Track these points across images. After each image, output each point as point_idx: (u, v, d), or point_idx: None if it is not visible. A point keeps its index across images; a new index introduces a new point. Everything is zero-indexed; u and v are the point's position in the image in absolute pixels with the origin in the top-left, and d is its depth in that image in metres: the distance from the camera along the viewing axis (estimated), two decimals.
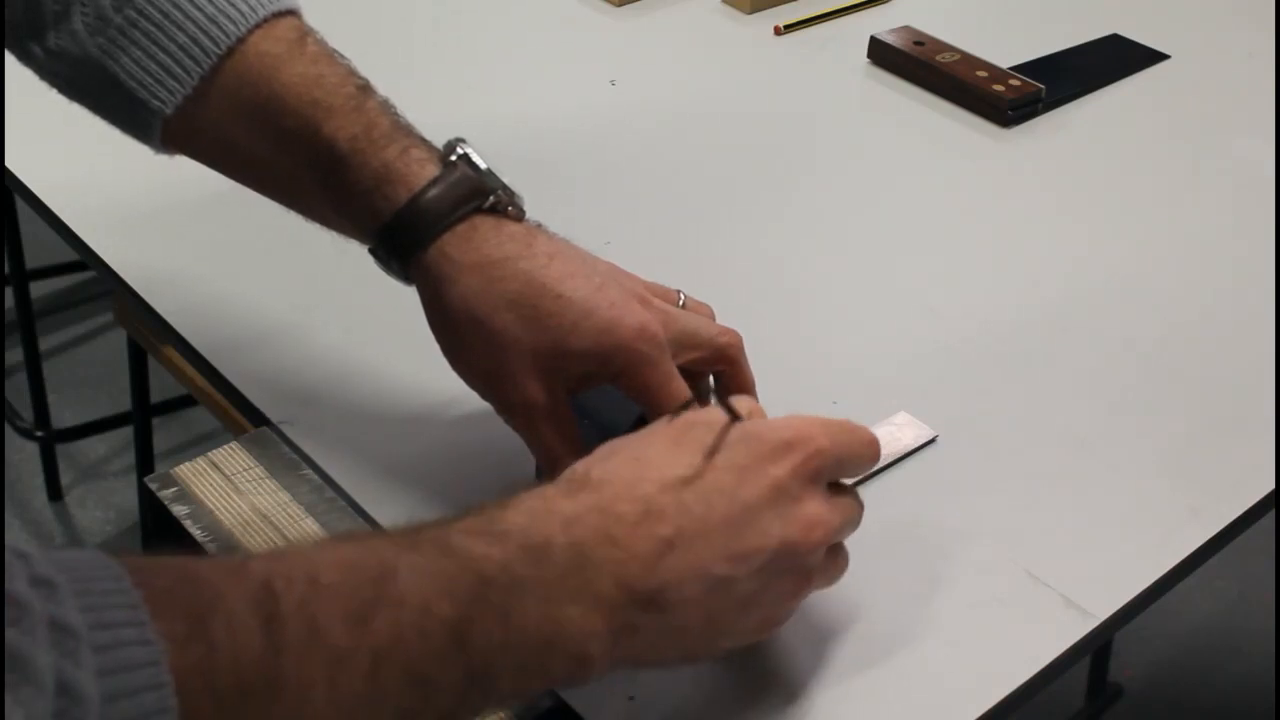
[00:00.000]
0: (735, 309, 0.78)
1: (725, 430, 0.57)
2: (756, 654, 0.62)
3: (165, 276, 0.84)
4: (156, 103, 0.67)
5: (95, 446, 1.91)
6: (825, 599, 0.65)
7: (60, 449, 1.87)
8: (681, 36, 1.15)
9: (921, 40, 1.11)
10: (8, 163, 0.91)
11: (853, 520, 0.60)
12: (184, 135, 0.69)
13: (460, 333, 0.65)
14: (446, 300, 0.64)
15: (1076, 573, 0.67)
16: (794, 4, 1.19)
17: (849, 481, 0.61)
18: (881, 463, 0.72)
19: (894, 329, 0.83)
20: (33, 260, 1.73)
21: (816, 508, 0.56)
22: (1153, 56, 1.15)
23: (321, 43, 0.69)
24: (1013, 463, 0.74)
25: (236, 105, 0.67)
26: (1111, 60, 1.14)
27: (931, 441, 0.74)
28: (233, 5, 0.66)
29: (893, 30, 1.12)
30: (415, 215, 0.64)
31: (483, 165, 0.66)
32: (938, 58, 1.08)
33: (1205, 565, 0.70)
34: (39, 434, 1.81)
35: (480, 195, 0.65)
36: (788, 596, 0.57)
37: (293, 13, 0.69)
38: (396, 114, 0.67)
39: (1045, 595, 0.66)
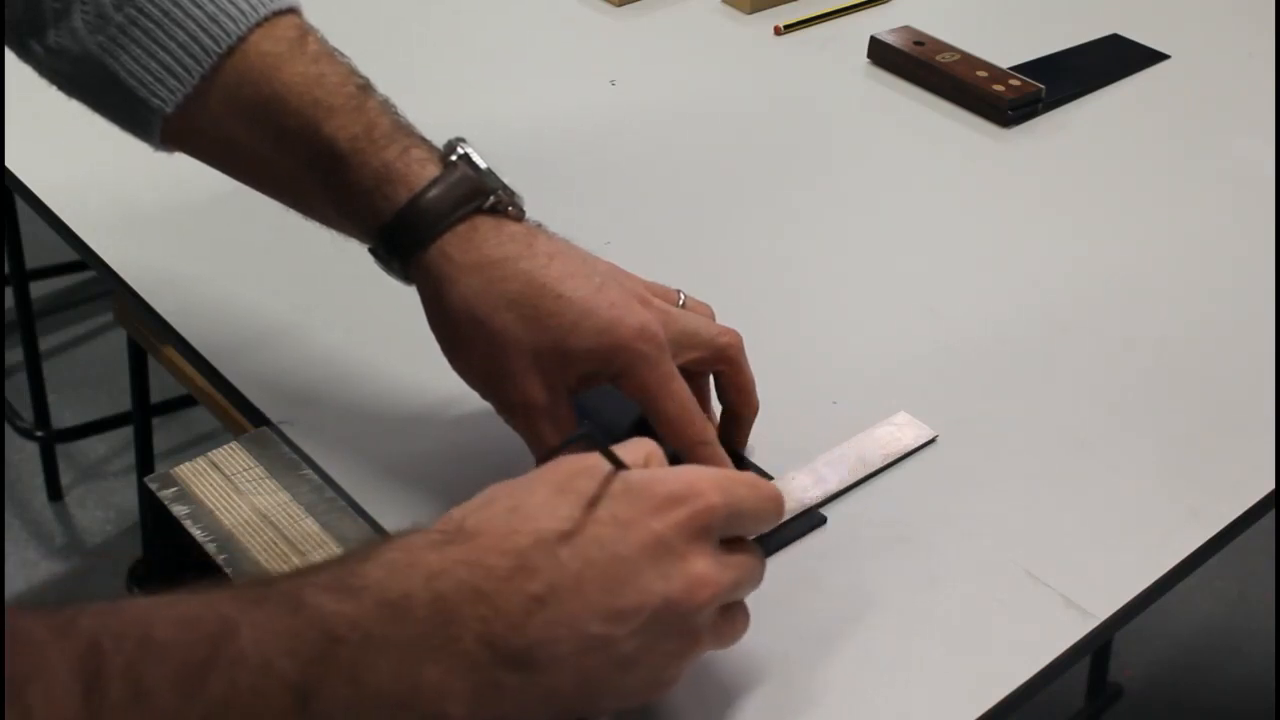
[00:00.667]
0: (735, 309, 0.78)
1: (608, 480, 0.54)
2: (755, 654, 0.62)
3: (165, 276, 0.84)
4: (157, 101, 0.67)
5: (95, 446, 1.91)
6: (825, 598, 0.65)
7: (60, 449, 1.87)
8: (681, 36, 1.15)
9: (921, 40, 1.11)
10: (8, 163, 0.91)
11: (749, 579, 0.57)
12: (184, 133, 0.69)
13: (460, 332, 0.64)
14: (447, 300, 0.64)
15: (1076, 573, 0.67)
16: (794, 4, 1.19)
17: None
18: (881, 463, 0.72)
19: (894, 329, 0.83)
20: (33, 260, 1.73)
21: (703, 566, 0.53)
22: (1153, 56, 1.15)
23: (322, 41, 0.68)
24: (1013, 463, 0.74)
25: (237, 104, 0.66)
26: (1111, 60, 1.14)
27: (931, 441, 0.74)
28: (233, 4, 0.66)
29: (893, 30, 1.12)
30: (415, 215, 0.64)
31: (483, 165, 0.65)
32: (938, 58, 1.08)
33: (1205, 565, 0.70)
34: (39, 434, 1.81)
35: (481, 195, 0.64)
36: (673, 658, 0.54)
37: (293, 11, 0.68)
38: (397, 113, 0.67)
39: (1045, 595, 0.66)
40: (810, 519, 0.69)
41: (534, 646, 0.51)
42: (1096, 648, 1.49)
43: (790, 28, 1.16)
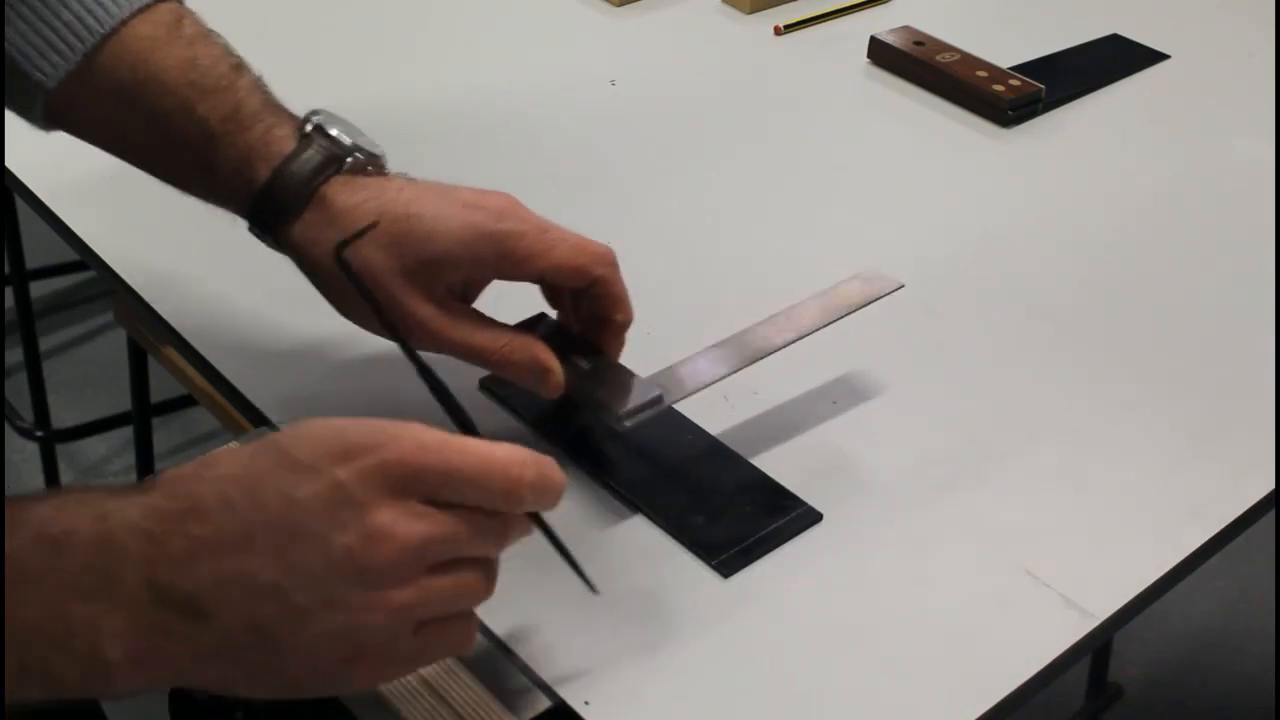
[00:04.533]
0: (736, 308, 0.78)
1: (298, 427, 0.52)
2: (755, 654, 0.62)
3: (165, 276, 0.84)
4: (39, 75, 0.69)
5: (95, 446, 1.91)
6: (825, 598, 0.65)
7: (60, 449, 1.86)
8: (681, 36, 1.15)
9: (921, 40, 1.11)
10: (8, 163, 0.91)
11: (454, 540, 0.51)
12: (66, 112, 0.71)
13: (336, 284, 0.67)
14: (315, 261, 0.67)
15: (1076, 573, 0.67)
16: (794, 4, 1.19)
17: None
18: (840, 313, 0.72)
19: (894, 329, 0.83)
20: (33, 260, 1.73)
21: (387, 518, 0.50)
22: (1153, 56, 1.15)
23: (199, 24, 0.71)
24: (1013, 463, 0.74)
25: (116, 85, 0.69)
26: (1111, 60, 1.14)
27: (899, 288, 0.75)
28: None
29: (893, 30, 1.12)
30: (277, 191, 0.67)
31: (335, 132, 0.68)
32: (938, 58, 1.08)
33: (1205, 565, 0.70)
34: (39, 434, 1.81)
35: (335, 162, 0.67)
36: (358, 619, 0.50)
37: None
38: (267, 92, 0.70)
39: (1045, 595, 0.66)
40: (805, 516, 0.69)
41: (200, 591, 0.49)
42: (1096, 648, 1.49)
43: (790, 28, 1.16)
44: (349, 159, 0.67)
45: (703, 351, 0.70)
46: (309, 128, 0.68)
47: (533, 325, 0.71)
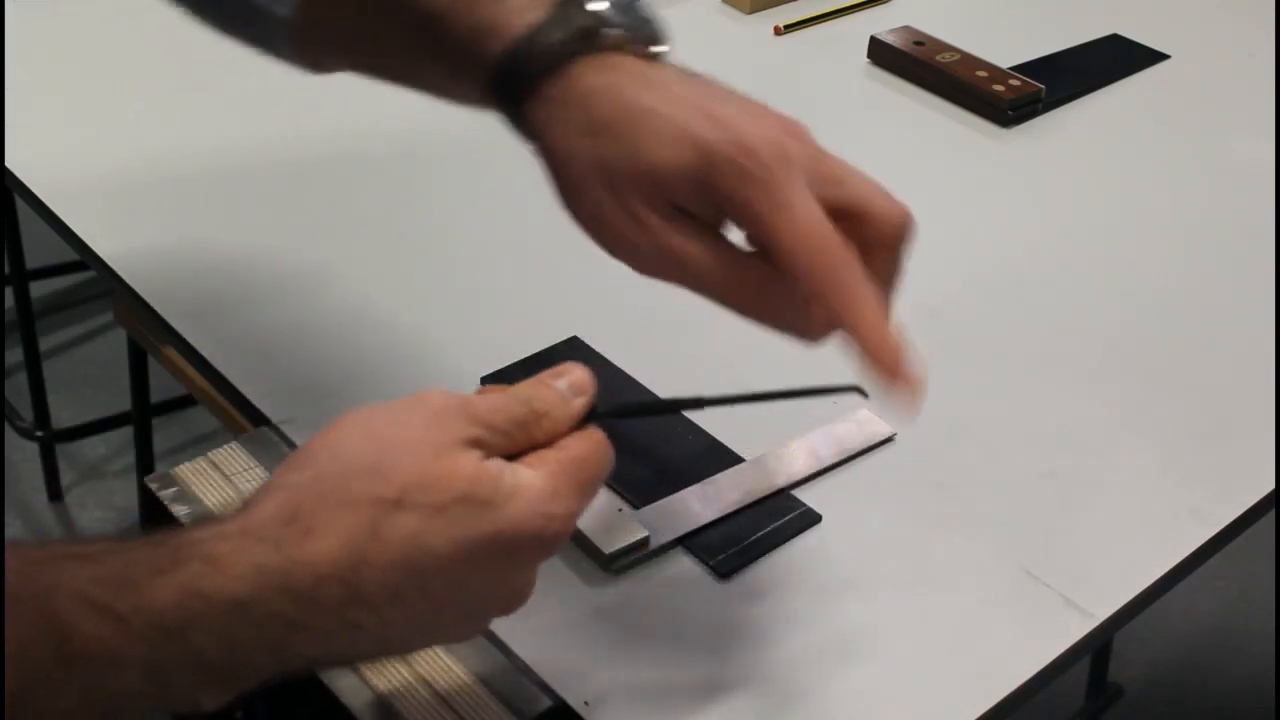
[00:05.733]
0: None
1: (476, 508, 0.50)
2: (755, 654, 0.62)
3: (165, 277, 0.84)
4: (280, 9, 0.64)
5: (95, 446, 1.91)
6: (825, 598, 0.65)
7: (60, 449, 1.87)
8: (681, 36, 1.14)
9: (921, 40, 1.11)
10: (8, 163, 0.91)
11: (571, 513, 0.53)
12: (311, 40, 0.66)
13: (562, 174, 0.58)
14: (547, 147, 0.58)
15: (1076, 573, 0.67)
16: (794, 4, 1.19)
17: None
18: (837, 458, 0.72)
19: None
20: (33, 260, 1.73)
21: (528, 580, 0.53)
22: (1153, 56, 1.15)
23: None
24: (1013, 462, 0.74)
25: None
26: (1111, 60, 1.14)
27: (889, 440, 0.74)
28: None
29: (893, 30, 1.12)
30: (516, 62, 0.58)
31: (599, 7, 0.58)
32: (938, 58, 1.08)
33: (1205, 565, 0.70)
34: (39, 434, 1.81)
35: (588, 36, 0.57)
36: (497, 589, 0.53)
37: None
38: None
39: (1045, 595, 0.66)
40: (805, 517, 0.69)
41: (334, 649, 0.50)
42: (1096, 648, 1.49)
43: (790, 28, 1.16)
44: (604, 33, 0.57)
45: (696, 487, 0.69)
46: None
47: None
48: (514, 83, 0.58)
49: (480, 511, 0.49)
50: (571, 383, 0.54)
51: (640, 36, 0.59)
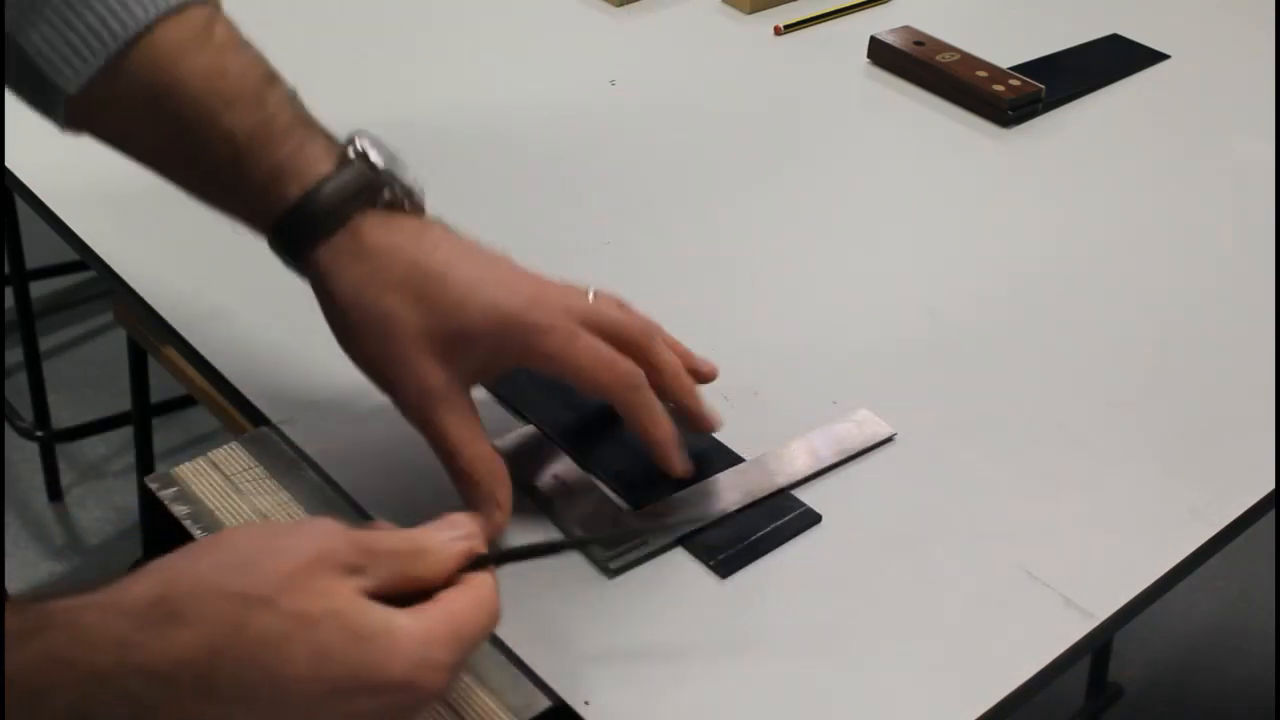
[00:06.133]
0: (734, 308, 0.78)
1: (347, 639, 0.50)
2: (755, 654, 0.62)
3: (165, 277, 0.84)
4: (62, 79, 0.66)
5: (95, 446, 1.91)
6: (824, 598, 0.65)
7: (60, 449, 1.87)
8: (681, 36, 1.15)
9: (921, 40, 1.11)
10: (8, 163, 0.91)
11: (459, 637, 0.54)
12: (88, 116, 0.68)
13: (349, 320, 0.64)
14: (334, 290, 0.64)
15: (1076, 573, 0.67)
16: (794, 4, 1.19)
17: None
18: (837, 458, 0.72)
19: (893, 329, 0.83)
20: (33, 260, 1.73)
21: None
22: (1153, 56, 1.15)
23: (231, 29, 0.68)
24: (1012, 462, 0.74)
25: (140, 90, 0.66)
26: (1111, 60, 1.14)
27: (889, 440, 0.74)
28: None
29: (893, 30, 1.12)
30: (305, 212, 0.64)
31: (379, 161, 0.65)
32: (938, 58, 1.08)
33: (1205, 565, 0.70)
34: (39, 434, 1.81)
35: (372, 191, 0.64)
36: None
37: (206, 1, 0.68)
38: (301, 107, 0.67)
39: (1045, 595, 0.66)
40: (805, 517, 0.69)
41: None
42: (1096, 648, 1.49)
43: (790, 28, 1.16)
44: (386, 190, 0.64)
45: (696, 486, 0.70)
46: (351, 151, 0.65)
47: (523, 416, 0.70)
48: (302, 228, 0.64)
49: (349, 638, 0.50)
50: (460, 532, 0.56)
51: (412, 193, 0.65)
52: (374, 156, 0.65)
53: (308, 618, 0.49)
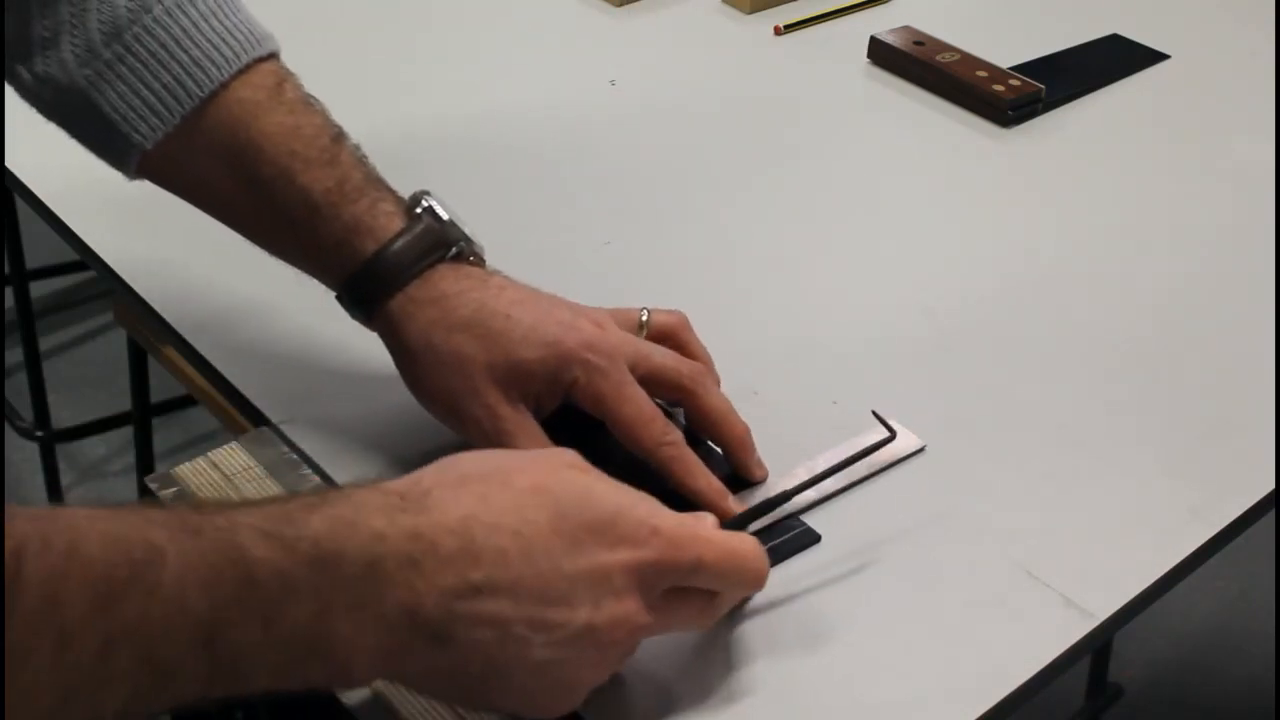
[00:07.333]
0: (735, 307, 0.78)
1: (568, 480, 0.57)
2: (756, 654, 0.62)
3: (166, 277, 0.84)
4: (138, 137, 0.69)
5: (95, 446, 1.91)
6: (825, 598, 0.65)
7: (60, 449, 1.87)
8: (681, 36, 1.15)
9: (921, 40, 1.11)
10: (8, 163, 0.91)
11: (685, 625, 0.60)
12: (160, 168, 0.71)
13: (420, 361, 0.67)
14: (406, 335, 0.67)
15: (1076, 573, 0.67)
16: (794, 4, 1.19)
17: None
18: (867, 471, 0.72)
19: (893, 329, 0.83)
20: (33, 260, 1.73)
21: (631, 608, 0.56)
22: (1153, 56, 1.15)
23: (298, 88, 0.71)
24: (1012, 463, 0.74)
25: (214, 147, 0.69)
26: (1111, 60, 1.14)
27: (920, 451, 0.74)
28: (217, 50, 0.69)
29: (893, 30, 1.12)
30: (381, 267, 0.67)
31: (445, 216, 0.69)
32: (938, 58, 1.09)
33: (1205, 565, 0.70)
34: (39, 434, 1.81)
35: (443, 246, 0.68)
36: (580, 674, 0.56)
37: (274, 56, 0.71)
38: (368, 164, 0.70)
39: (1045, 595, 0.66)
40: (804, 536, 0.68)
41: (456, 627, 0.53)
42: (1096, 648, 1.49)
43: (790, 28, 1.16)
44: (454, 246, 0.68)
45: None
46: (419, 209, 0.69)
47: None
48: (376, 282, 0.68)
49: (581, 496, 0.56)
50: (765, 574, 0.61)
51: (474, 246, 0.70)
52: (443, 215, 0.69)
53: (542, 488, 0.56)
